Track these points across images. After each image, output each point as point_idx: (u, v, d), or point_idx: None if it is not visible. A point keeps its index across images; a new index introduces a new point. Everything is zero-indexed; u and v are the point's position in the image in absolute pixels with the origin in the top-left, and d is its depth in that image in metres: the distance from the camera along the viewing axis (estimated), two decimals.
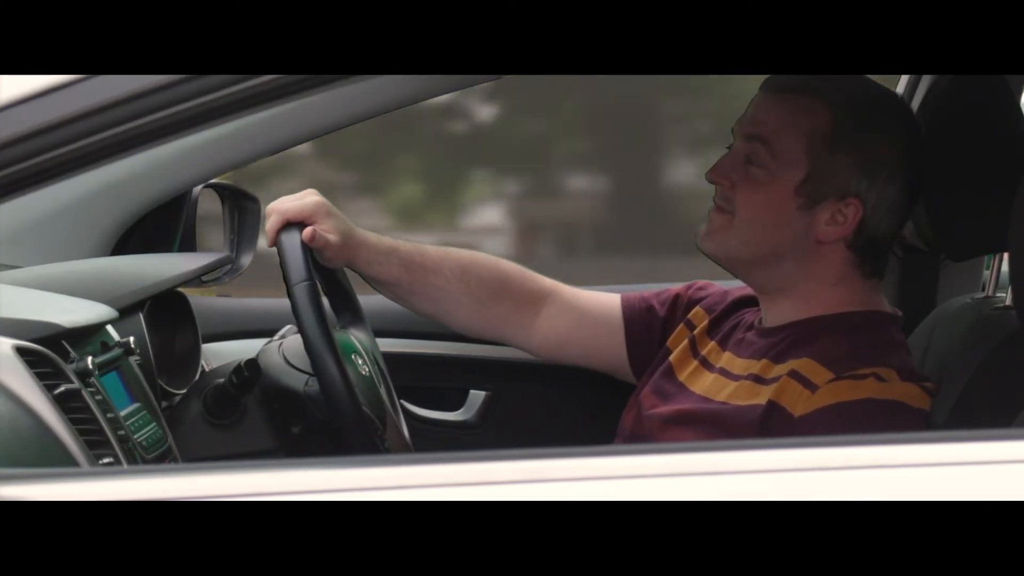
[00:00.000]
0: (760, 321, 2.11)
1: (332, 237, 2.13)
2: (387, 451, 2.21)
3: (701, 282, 2.28)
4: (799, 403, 1.94)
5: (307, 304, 2.06)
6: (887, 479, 1.42)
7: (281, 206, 2.12)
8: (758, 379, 2.02)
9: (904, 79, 2.93)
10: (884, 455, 1.44)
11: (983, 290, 2.61)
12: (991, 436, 1.48)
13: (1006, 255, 2.11)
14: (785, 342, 2.03)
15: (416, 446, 2.39)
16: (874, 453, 1.45)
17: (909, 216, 2.10)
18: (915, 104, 2.80)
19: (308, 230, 2.09)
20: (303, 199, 2.13)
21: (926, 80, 2.80)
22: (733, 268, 2.11)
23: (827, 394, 1.92)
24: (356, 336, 2.35)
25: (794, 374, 1.96)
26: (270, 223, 2.13)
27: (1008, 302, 2.35)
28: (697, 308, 2.22)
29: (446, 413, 2.91)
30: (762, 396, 1.98)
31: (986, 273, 2.68)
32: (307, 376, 2.26)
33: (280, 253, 2.13)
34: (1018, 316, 1.94)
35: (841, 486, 1.41)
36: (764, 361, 2.04)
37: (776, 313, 2.07)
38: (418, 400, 2.89)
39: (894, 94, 2.11)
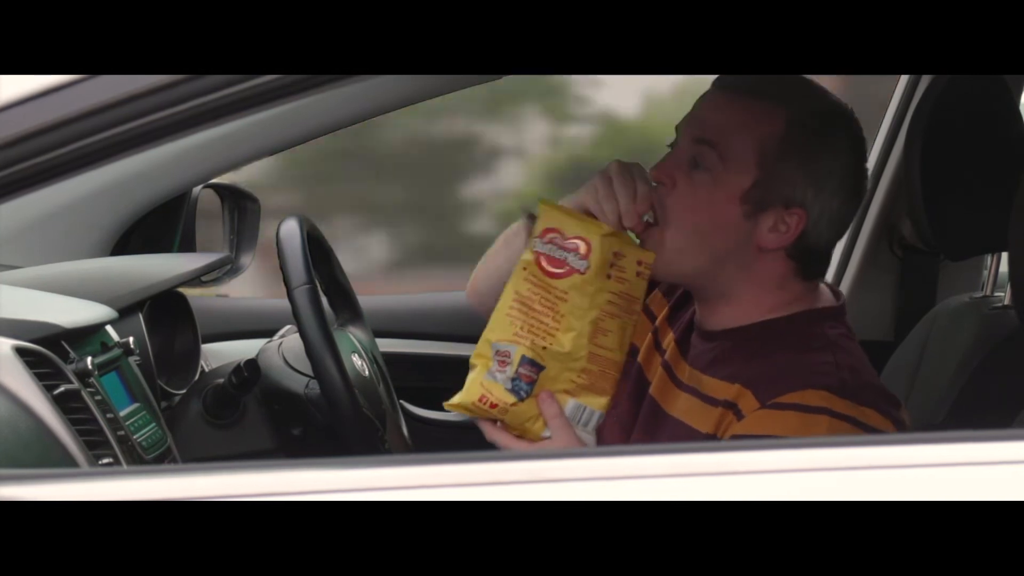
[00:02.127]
0: (698, 320, 2.07)
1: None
2: (387, 451, 2.21)
3: None
4: (728, 432, 1.92)
5: (308, 307, 2.06)
6: (887, 479, 1.42)
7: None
8: (698, 394, 1.99)
9: (904, 79, 2.93)
10: (884, 455, 1.44)
11: (982, 290, 2.62)
12: (991, 436, 1.48)
13: (1004, 255, 2.11)
14: (719, 350, 2.00)
15: (416, 446, 2.39)
16: (874, 453, 1.45)
17: (846, 229, 2.05)
18: (915, 104, 2.80)
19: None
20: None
21: (926, 80, 2.80)
22: (675, 281, 2.05)
23: (749, 423, 1.90)
24: (355, 334, 2.35)
25: (729, 405, 1.93)
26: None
27: (1007, 302, 2.36)
28: (655, 292, 2.17)
29: (446, 413, 2.91)
30: (704, 423, 1.95)
31: (985, 273, 2.69)
32: (308, 378, 2.26)
33: (280, 255, 2.13)
34: (1017, 316, 1.94)
35: (841, 486, 1.41)
36: (699, 372, 2.01)
37: (715, 317, 2.02)
38: (418, 400, 2.89)
39: (844, 105, 2.06)
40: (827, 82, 2.03)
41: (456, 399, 1.93)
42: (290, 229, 2.16)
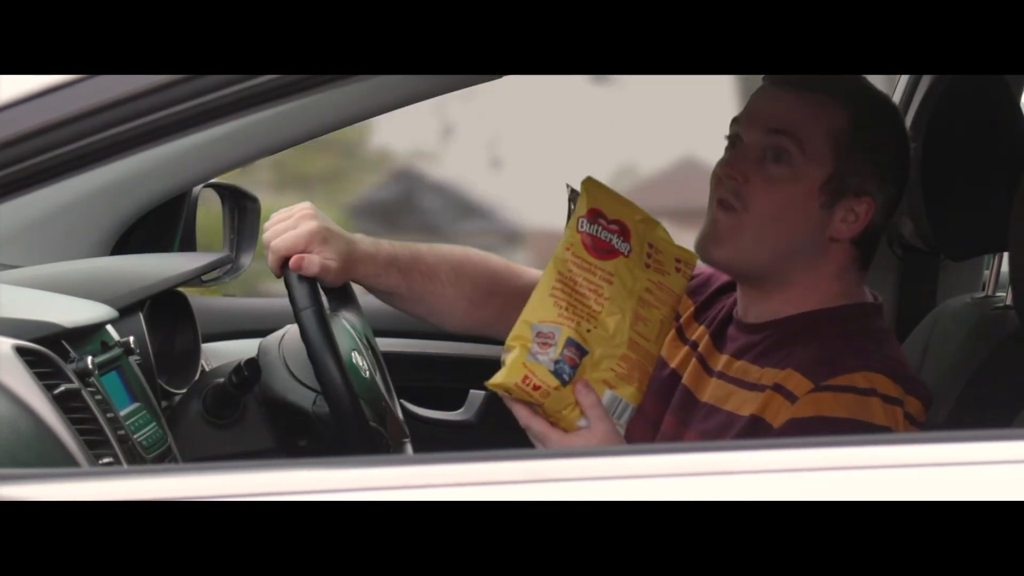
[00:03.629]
0: (739, 312, 2.08)
1: (331, 263, 2.10)
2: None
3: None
4: (780, 414, 1.92)
5: (316, 330, 2.05)
6: (887, 479, 1.42)
7: (275, 243, 2.09)
8: (738, 382, 2.00)
9: (904, 79, 2.93)
10: (884, 455, 1.44)
11: (983, 290, 2.62)
12: (991, 436, 1.48)
13: (1006, 255, 2.11)
14: (766, 342, 2.01)
15: (416, 446, 2.39)
16: (874, 453, 1.45)
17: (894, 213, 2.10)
18: (915, 104, 2.80)
19: (295, 259, 2.07)
20: (297, 227, 2.10)
21: (926, 80, 2.80)
22: (742, 273, 2.07)
23: (805, 405, 1.90)
24: (347, 319, 2.34)
25: (778, 387, 1.94)
26: (270, 261, 2.10)
27: (1008, 302, 2.35)
28: None
29: (446, 413, 2.92)
30: (745, 407, 1.96)
31: (986, 273, 2.68)
32: (315, 394, 2.25)
33: (285, 278, 2.12)
34: (1018, 316, 1.94)
35: (841, 486, 1.41)
36: (743, 361, 2.02)
37: (762, 307, 2.04)
38: (418, 400, 2.89)
39: (888, 97, 2.11)
40: None
41: (498, 378, 1.88)
42: None
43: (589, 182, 1.92)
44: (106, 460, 1.88)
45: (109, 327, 2.20)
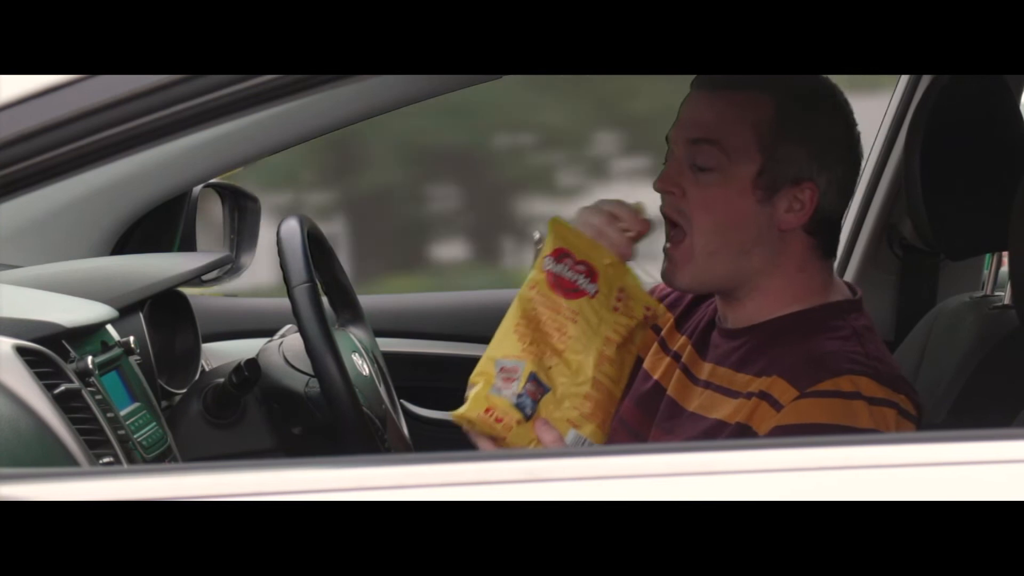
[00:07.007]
0: (720, 319, 2.08)
1: None
2: (387, 451, 2.21)
3: (662, 284, 2.23)
4: (765, 422, 1.92)
5: (308, 305, 2.06)
6: (886, 479, 1.42)
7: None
8: (724, 390, 2.00)
9: (904, 79, 2.93)
10: (884, 455, 1.44)
11: (982, 289, 2.62)
12: (991, 436, 1.48)
13: (1005, 254, 2.11)
14: (746, 347, 2.01)
15: (416, 446, 2.39)
16: (873, 453, 1.45)
17: (853, 195, 2.08)
18: (915, 104, 2.80)
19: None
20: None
21: (926, 80, 2.80)
22: (710, 290, 2.05)
23: (790, 413, 1.90)
24: (355, 335, 2.35)
25: (764, 395, 1.94)
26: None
27: (1007, 301, 2.36)
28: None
29: (446, 413, 2.91)
30: (731, 415, 1.96)
31: (985, 272, 2.69)
32: (308, 377, 2.26)
33: (280, 254, 2.13)
34: (1017, 315, 1.94)
35: (841, 486, 1.41)
36: (726, 368, 2.02)
37: (740, 314, 2.03)
38: (418, 400, 2.89)
39: (824, 77, 2.08)
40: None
41: (461, 411, 1.91)
42: (290, 228, 2.16)
43: (556, 223, 1.93)
44: (106, 460, 1.89)
45: (109, 327, 2.21)
